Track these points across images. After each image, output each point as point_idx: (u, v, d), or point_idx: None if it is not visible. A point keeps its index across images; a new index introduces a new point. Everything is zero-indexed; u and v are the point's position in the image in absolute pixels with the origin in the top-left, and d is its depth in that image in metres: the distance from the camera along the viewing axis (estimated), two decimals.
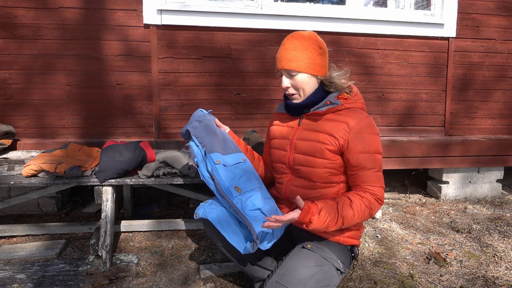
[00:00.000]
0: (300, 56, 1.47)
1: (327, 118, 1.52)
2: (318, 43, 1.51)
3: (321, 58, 1.51)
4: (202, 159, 1.64)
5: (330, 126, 1.49)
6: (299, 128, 1.59)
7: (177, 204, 3.14)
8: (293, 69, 1.48)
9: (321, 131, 1.51)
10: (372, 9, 3.33)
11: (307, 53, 1.48)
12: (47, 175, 2.10)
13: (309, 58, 1.48)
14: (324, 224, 1.36)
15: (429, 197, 3.38)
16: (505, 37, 3.38)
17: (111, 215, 2.13)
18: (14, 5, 2.73)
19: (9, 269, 2.00)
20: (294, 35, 1.52)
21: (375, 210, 1.45)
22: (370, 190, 1.45)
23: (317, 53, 1.50)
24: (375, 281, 1.98)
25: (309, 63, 1.48)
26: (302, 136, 1.56)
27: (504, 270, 2.11)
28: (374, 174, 1.47)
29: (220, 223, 1.54)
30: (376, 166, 1.48)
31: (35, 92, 2.85)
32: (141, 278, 1.99)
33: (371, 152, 1.46)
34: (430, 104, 3.37)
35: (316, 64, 1.49)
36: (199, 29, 2.95)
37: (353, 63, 3.19)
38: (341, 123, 1.48)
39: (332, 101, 1.51)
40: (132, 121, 2.98)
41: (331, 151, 1.48)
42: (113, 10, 2.84)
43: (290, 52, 1.48)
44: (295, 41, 1.50)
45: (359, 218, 1.42)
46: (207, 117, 1.74)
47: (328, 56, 1.56)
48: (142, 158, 2.22)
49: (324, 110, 1.51)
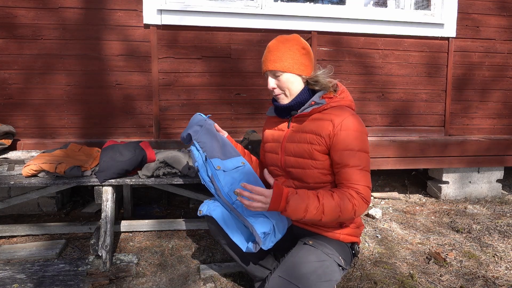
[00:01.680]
0: (283, 57, 1.52)
1: (314, 118, 1.54)
2: (301, 44, 1.55)
3: (304, 58, 1.54)
4: (203, 164, 1.65)
5: (316, 125, 1.51)
6: (289, 131, 1.63)
7: (177, 204, 3.14)
8: (277, 69, 1.53)
9: (308, 131, 1.53)
10: (372, 9, 3.33)
11: (290, 53, 1.52)
12: (47, 175, 2.10)
13: (292, 58, 1.52)
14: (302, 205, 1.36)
15: (429, 197, 3.38)
16: (505, 37, 3.38)
17: (111, 215, 2.13)
18: (14, 5, 2.73)
19: (9, 269, 2.00)
20: (278, 38, 1.58)
21: (359, 208, 1.40)
22: (353, 187, 1.42)
23: (300, 53, 1.54)
24: (375, 281, 1.98)
25: (292, 63, 1.52)
26: (291, 138, 1.59)
27: (504, 270, 2.11)
28: (358, 172, 1.43)
29: (224, 220, 1.55)
30: (361, 164, 1.44)
31: (35, 92, 2.85)
32: (141, 278, 1.99)
33: (355, 149, 1.44)
34: (430, 104, 3.37)
35: (300, 63, 1.53)
36: (199, 29, 2.95)
37: (353, 63, 3.19)
38: (327, 121, 1.49)
39: (317, 101, 1.54)
40: (132, 121, 2.98)
41: (319, 151, 1.49)
42: (113, 10, 2.84)
43: (274, 53, 1.53)
44: (278, 43, 1.55)
45: (341, 212, 1.38)
46: (208, 121, 1.76)
47: (312, 57, 1.59)
48: (142, 158, 2.22)
49: (309, 110, 1.54)
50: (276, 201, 1.35)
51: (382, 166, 3.06)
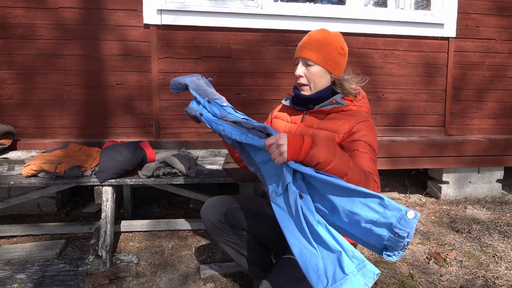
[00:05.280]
0: (321, 49, 1.50)
1: (330, 117, 1.53)
2: (341, 44, 1.54)
3: (340, 58, 1.53)
4: (204, 107, 1.53)
5: (332, 124, 1.50)
6: (302, 125, 1.61)
7: (177, 204, 3.14)
8: (311, 59, 1.50)
9: (322, 128, 1.52)
10: (372, 9, 3.33)
11: (329, 48, 1.50)
12: (47, 175, 2.10)
13: (329, 53, 1.50)
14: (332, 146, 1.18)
15: (429, 197, 3.38)
16: (504, 37, 3.38)
17: (111, 215, 2.13)
18: (14, 5, 2.73)
19: (9, 269, 2.00)
20: (320, 30, 1.56)
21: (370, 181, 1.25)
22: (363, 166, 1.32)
23: (338, 52, 1.52)
24: (375, 281, 1.98)
25: (328, 58, 1.50)
26: (304, 132, 1.57)
27: (504, 270, 2.11)
28: (368, 158, 1.37)
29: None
30: (370, 152, 1.39)
31: (35, 92, 2.85)
32: (141, 278, 1.99)
33: (367, 142, 1.41)
34: (430, 104, 3.37)
35: (334, 62, 1.52)
36: (199, 29, 2.95)
37: (353, 63, 3.19)
38: (343, 121, 1.48)
39: (338, 101, 1.53)
40: (132, 121, 2.98)
41: None
42: (113, 10, 2.84)
43: (313, 43, 1.51)
44: (320, 35, 1.53)
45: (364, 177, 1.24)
46: (204, 78, 1.66)
47: (346, 60, 1.57)
48: (142, 158, 2.22)
49: (329, 108, 1.52)
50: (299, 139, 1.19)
51: (382, 166, 3.06)
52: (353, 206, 1.11)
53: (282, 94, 3.07)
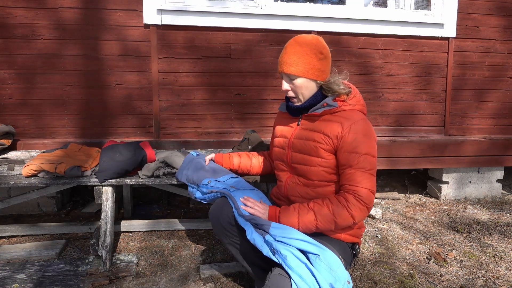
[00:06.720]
0: (299, 61, 1.51)
1: (324, 119, 1.57)
2: (319, 48, 1.53)
3: (320, 63, 1.53)
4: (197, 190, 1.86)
5: (325, 126, 1.54)
6: (298, 128, 1.65)
7: (177, 204, 3.14)
8: (292, 73, 1.53)
9: (317, 130, 1.56)
10: (372, 9, 3.33)
11: (307, 58, 1.51)
12: (47, 175, 2.10)
13: (308, 63, 1.51)
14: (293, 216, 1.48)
15: (429, 197, 3.38)
16: (505, 37, 3.37)
17: (111, 215, 2.13)
18: (14, 5, 2.73)
19: (9, 269, 2.00)
20: (296, 39, 1.56)
21: (358, 213, 1.45)
22: (353, 190, 1.46)
23: (317, 58, 1.52)
24: (375, 281, 1.98)
25: (308, 68, 1.52)
26: (300, 135, 1.62)
27: (504, 270, 2.11)
28: (361, 174, 1.47)
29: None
30: (365, 167, 1.48)
31: (35, 92, 2.85)
32: (141, 278, 1.99)
33: (361, 152, 1.47)
34: (430, 104, 3.37)
35: (315, 69, 1.53)
36: (199, 29, 2.95)
37: (353, 63, 3.19)
38: (336, 123, 1.52)
39: (329, 103, 1.55)
40: (132, 121, 2.98)
41: (326, 150, 1.52)
42: (113, 10, 2.84)
43: (291, 56, 1.53)
44: (296, 45, 1.54)
45: (336, 218, 1.45)
46: (195, 160, 1.96)
47: (330, 61, 1.58)
48: (142, 158, 2.22)
49: (320, 112, 1.56)
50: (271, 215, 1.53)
51: (382, 166, 3.06)
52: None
53: (282, 94, 3.04)
